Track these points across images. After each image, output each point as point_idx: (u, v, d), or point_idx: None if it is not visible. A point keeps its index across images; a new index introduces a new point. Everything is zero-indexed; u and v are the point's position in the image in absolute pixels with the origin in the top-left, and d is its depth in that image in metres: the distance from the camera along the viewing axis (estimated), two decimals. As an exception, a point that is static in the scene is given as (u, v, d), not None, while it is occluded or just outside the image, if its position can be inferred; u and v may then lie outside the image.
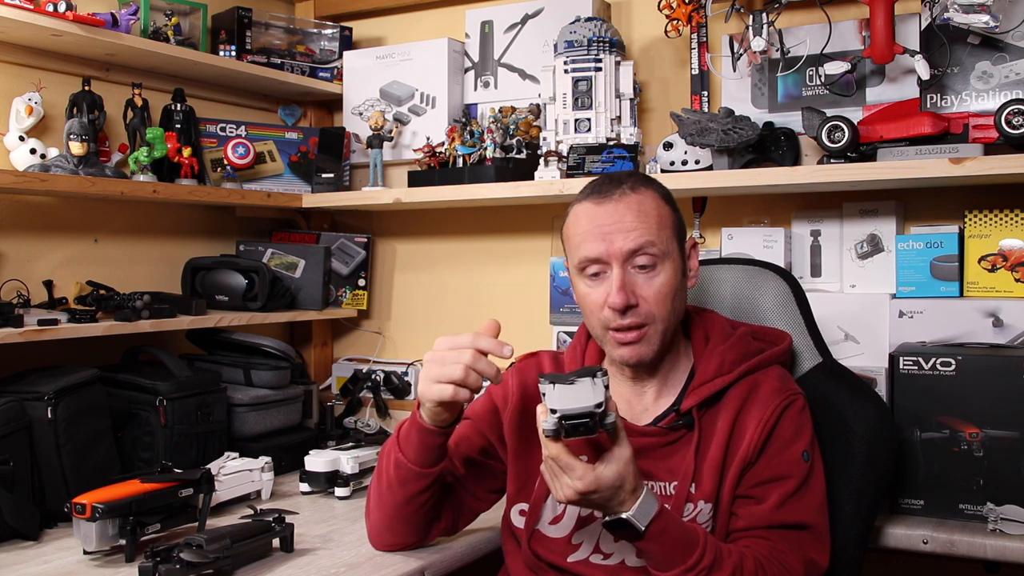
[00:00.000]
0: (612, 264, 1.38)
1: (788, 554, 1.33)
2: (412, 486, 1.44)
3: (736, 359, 1.45)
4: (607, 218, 1.39)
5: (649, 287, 1.38)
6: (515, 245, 2.50)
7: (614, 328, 1.39)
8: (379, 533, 1.55)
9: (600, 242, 1.39)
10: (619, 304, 1.36)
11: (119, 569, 1.53)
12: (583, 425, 1.17)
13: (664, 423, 1.43)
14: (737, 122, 2.00)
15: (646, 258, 1.38)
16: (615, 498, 1.21)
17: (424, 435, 1.40)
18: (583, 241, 1.41)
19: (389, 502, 1.48)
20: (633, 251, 1.38)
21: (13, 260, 2.04)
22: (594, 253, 1.39)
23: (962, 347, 1.72)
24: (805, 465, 1.38)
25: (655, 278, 1.39)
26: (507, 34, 2.44)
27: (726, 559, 1.27)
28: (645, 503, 1.23)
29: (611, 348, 1.43)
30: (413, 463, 1.42)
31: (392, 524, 1.51)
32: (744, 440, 1.38)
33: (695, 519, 1.38)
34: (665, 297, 1.39)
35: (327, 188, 2.53)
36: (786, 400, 1.41)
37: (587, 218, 1.42)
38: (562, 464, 1.20)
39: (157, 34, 2.25)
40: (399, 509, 1.48)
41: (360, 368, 2.61)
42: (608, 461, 1.20)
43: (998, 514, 1.59)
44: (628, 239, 1.38)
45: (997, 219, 1.84)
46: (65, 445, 1.77)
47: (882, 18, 1.87)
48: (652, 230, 1.39)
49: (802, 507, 1.37)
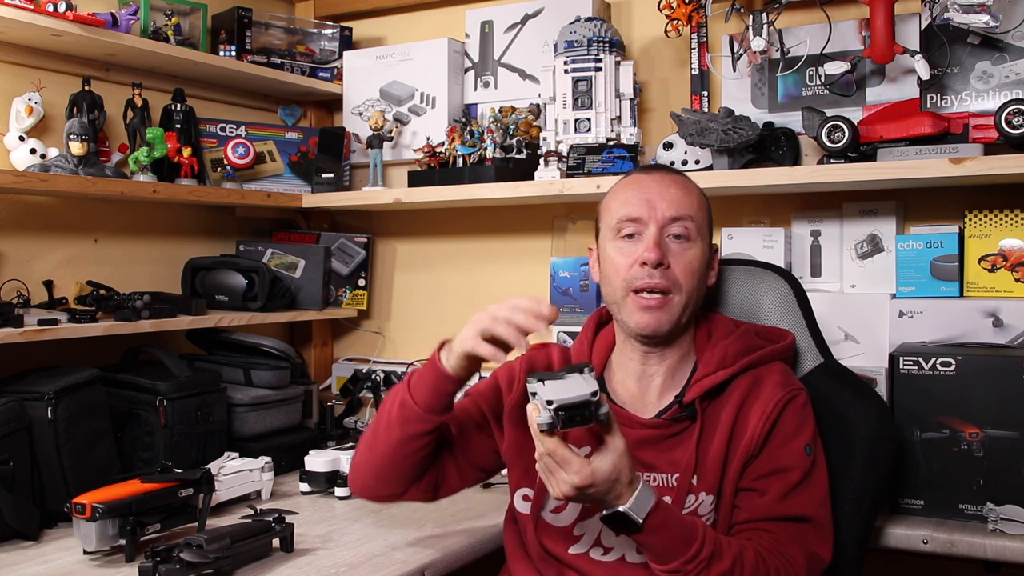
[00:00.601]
0: (650, 225, 1.42)
1: (790, 546, 1.34)
2: (412, 427, 1.43)
3: (739, 352, 1.46)
4: (654, 184, 1.46)
5: (681, 257, 1.42)
6: (515, 245, 2.50)
7: (640, 287, 1.41)
8: (363, 475, 1.53)
9: (643, 204, 1.44)
10: (653, 259, 1.39)
11: (119, 569, 1.53)
12: (579, 415, 1.17)
13: (667, 415, 1.44)
14: (737, 122, 2.00)
15: (682, 228, 1.43)
16: (612, 491, 1.21)
17: (440, 380, 1.41)
18: (625, 203, 1.46)
19: (384, 441, 1.47)
20: (673, 218, 1.43)
21: (13, 260, 2.04)
22: (635, 213, 1.43)
23: (962, 347, 1.72)
24: (808, 459, 1.39)
25: (688, 250, 1.43)
26: (507, 34, 2.44)
27: (726, 550, 1.27)
28: (642, 496, 1.23)
29: (629, 314, 1.43)
30: (420, 405, 1.42)
31: (380, 465, 1.49)
32: (747, 433, 1.39)
33: (696, 511, 1.38)
34: (694, 271, 1.43)
35: (327, 188, 2.53)
36: (789, 395, 1.42)
37: (633, 184, 1.48)
38: (558, 458, 1.20)
39: (157, 34, 2.25)
40: (392, 450, 1.46)
41: (360, 368, 2.61)
42: (603, 453, 1.20)
43: (998, 514, 1.59)
44: (671, 206, 1.43)
45: (997, 219, 1.84)
46: (65, 445, 1.77)
47: (882, 18, 1.87)
48: (693, 207, 1.45)
49: (804, 500, 1.37)
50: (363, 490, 1.56)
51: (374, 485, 1.53)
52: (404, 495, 1.54)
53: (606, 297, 1.49)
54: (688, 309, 1.44)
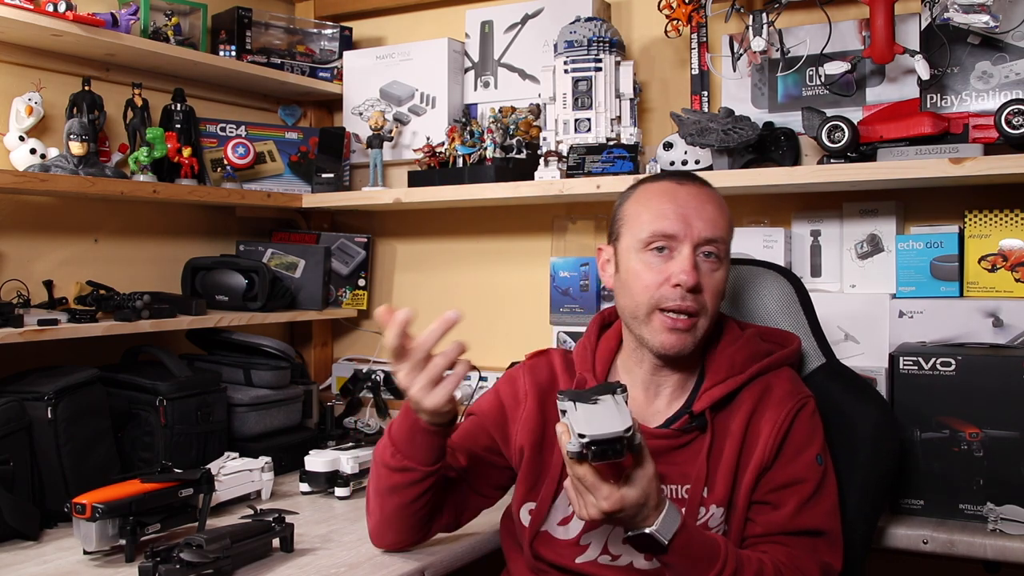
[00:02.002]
0: (685, 244, 1.38)
1: (805, 559, 1.33)
2: (416, 489, 1.43)
3: (746, 360, 1.44)
4: (690, 200, 1.41)
5: (711, 279, 1.40)
6: (515, 245, 2.50)
7: (669, 308, 1.37)
8: (381, 534, 1.54)
9: (679, 220, 1.38)
10: (691, 283, 1.35)
11: (119, 569, 1.53)
12: (611, 449, 1.14)
13: (676, 425, 1.42)
14: (737, 122, 2.00)
15: (715, 249, 1.40)
16: (640, 515, 1.20)
17: (427, 436, 1.39)
18: (659, 216, 1.40)
19: (390, 504, 1.47)
20: (709, 239, 1.39)
21: (13, 260, 2.04)
22: (671, 229, 1.38)
23: (962, 347, 1.72)
24: (819, 469, 1.38)
25: (716, 272, 1.41)
26: (507, 34, 2.44)
27: (747, 567, 1.27)
28: (668, 517, 1.21)
29: (653, 333, 1.40)
30: (419, 463, 1.40)
31: (394, 525, 1.50)
32: (759, 443, 1.38)
33: (707, 523, 1.37)
34: (719, 294, 1.41)
35: (327, 188, 2.53)
36: (799, 403, 1.41)
37: (666, 195, 1.42)
38: (588, 484, 1.19)
39: (157, 34, 2.25)
40: (401, 510, 1.47)
41: (360, 368, 2.61)
42: (633, 481, 1.19)
43: (998, 514, 1.59)
44: (707, 226, 1.39)
45: (997, 219, 1.84)
46: (65, 445, 1.77)
47: (882, 18, 1.87)
48: (725, 228, 1.43)
49: (817, 512, 1.36)
50: (388, 546, 1.56)
51: (395, 540, 1.54)
52: (429, 535, 1.54)
53: (625, 309, 1.44)
54: (708, 331, 1.42)
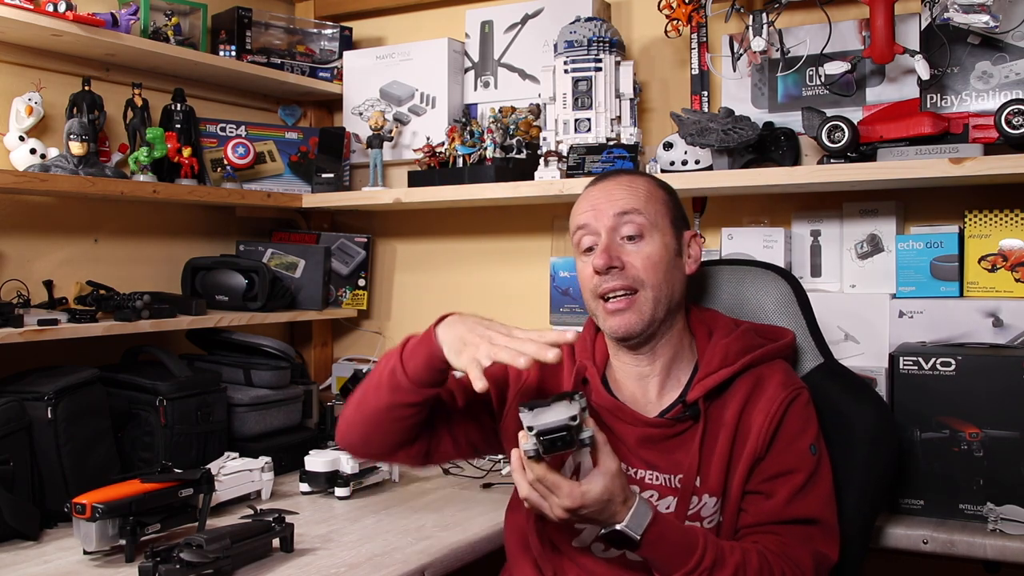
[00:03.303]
0: (600, 232, 1.44)
1: (797, 548, 1.34)
2: (401, 396, 1.40)
3: (740, 351, 1.45)
4: (599, 192, 1.48)
5: (636, 254, 1.43)
6: (515, 245, 2.50)
7: (603, 294, 1.43)
8: (349, 432, 1.50)
9: (589, 212, 1.46)
10: (600, 264, 1.41)
11: (119, 569, 1.53)
12: (560, 439, 1.20)
13: (670, 414, 1.44)
14: (737, 122, 2.00)
15: (632, 227, 1.43)
16: (606, 511, 1.24)
17: (434, 358, 1.37)
18: (576, 214, 1.49)
19: (372, 404, 1.44)
20: (619, 214, 1.44)
21: (13, 260, 2.04)
22: (583, 220, 1.46)
23: (962, 347, 1.72)
24: (813, 458, 1.39)
25: (643, 247, 1.43)
26: (507, 34, 2.44)
27: (728, 558, 1.28)
28: (638, 513, 1.25)
29: (603, 320, 1.46)
30: (411, 378, 1.38)
31: (367, 426, 1.46)
32: (751, 434, 1.39)
33: (699, 513, 1.38)
34: (655, 264, 1.43)
35: (327, 188, 2.53)
36: (792, 394, 1.42)
37: (583, 197, 1.51)
38: (548, 484, 1.23)
39: (157, 34, 2.25)
40: (379, 414, 1.43)
41: (360, 368, 2.61)
42: (593, 476, 1.23)
43: (998, 514, 1.59)
44: (615, 206, 1.45)
45: (997, 219, 1.84)
46: (65, 445, 1.77)
47: (882, 18, 1.87)
48: (640, 201, 1.45)
49: (811, 501, 1.37)
50: (349, 447, 1.53)
51: (360, 444, 1.51)
52: (392, 457, 1.51)
53: (587, 309, 1.51)
54: (661, 303, 1.43)
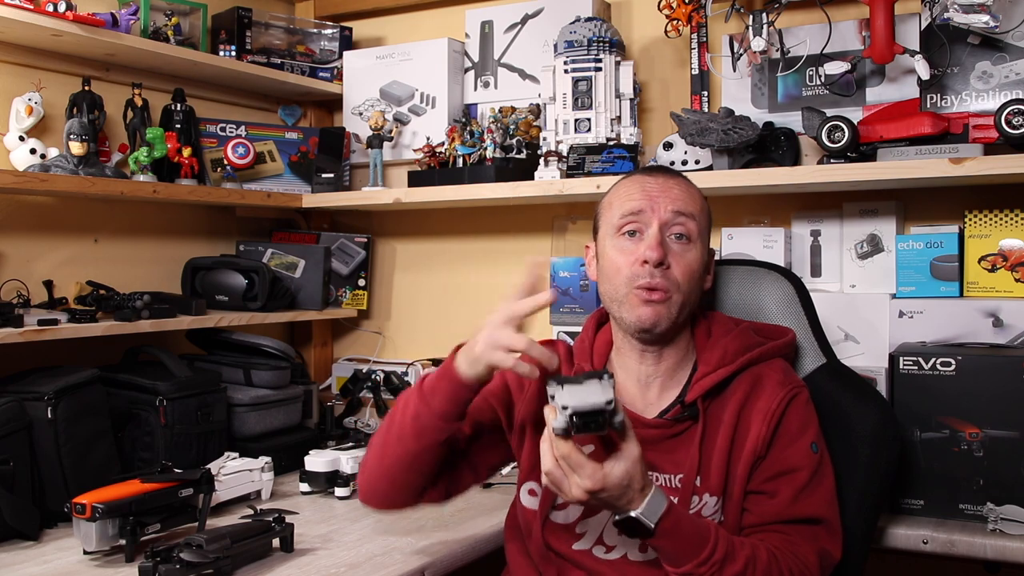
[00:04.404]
0: (652, 223, 1.42)
1: (802, 546, 1.34)
2: (428, 438, 1.40)
3: (738, 350, 1.45)
4: (656, 183, 1.46)
5: (682, 257, 1.42)
6: (515, 245, 2.50)
7: (642, 285, 1.40)
8: (374, 487, 1.49)
9: (645, 198, 1.43)
10: (655, 258, 1.38)
11: (119, 569, 1.53)
12: (594, 421, 1.18)
13: (669, 415, 1.44)
14: (737, 122, 2.00)
15: (683, 228, 1.43)
16: (624, 496, 1.22)
17: (457, 388, 1.37)
18: (628, 198, 1.45)
19: (397, 454, 1.43)
20: (676, 213, 1.42)
21: (13, 260, 2.04)
22: (638, 206, 1.43)
23: (962, 347, 1.72)
24: (815, 457, 1.39)
25: (688, 252, 1.43)
26: (507, 34, 2.44)
27: (739, 551, 1.28)
28: (654, 501, 1.23)
29: (631, 309, 1.41)
30: (439, 415, 1.38)
31: (394, 477, 1.45)
32: (751, 433, 1.39)
33: (700, 512, 1.38)
34: (693, 273, 1.43)
35: (327, 188, 2.53)
36: (791, 392, 1.42)
37: (635, 183, 1.47)
38: (572, 463, 1.21)
39: (157, 34, 2.25)
40: (407, 462, 1.43)
41: (360, 368, 2.61)
42: (617, 459, 1.21)
43: (998, 514, 1.59)
44: (673, 202, 1.43)
45: (997, 219, 1.84)
46: (65, 445, 1.77)
47: (882, 18, 1.87)
48: (696, 206, 1.45)
49: (815, 500, 1.37)
50: (378, 502, 1.51)
51: (388, 496, 1.49)
52: (417, 503, 1.51)
53: (605, 295, 1.48)
54: (685, 310, 1.43)
